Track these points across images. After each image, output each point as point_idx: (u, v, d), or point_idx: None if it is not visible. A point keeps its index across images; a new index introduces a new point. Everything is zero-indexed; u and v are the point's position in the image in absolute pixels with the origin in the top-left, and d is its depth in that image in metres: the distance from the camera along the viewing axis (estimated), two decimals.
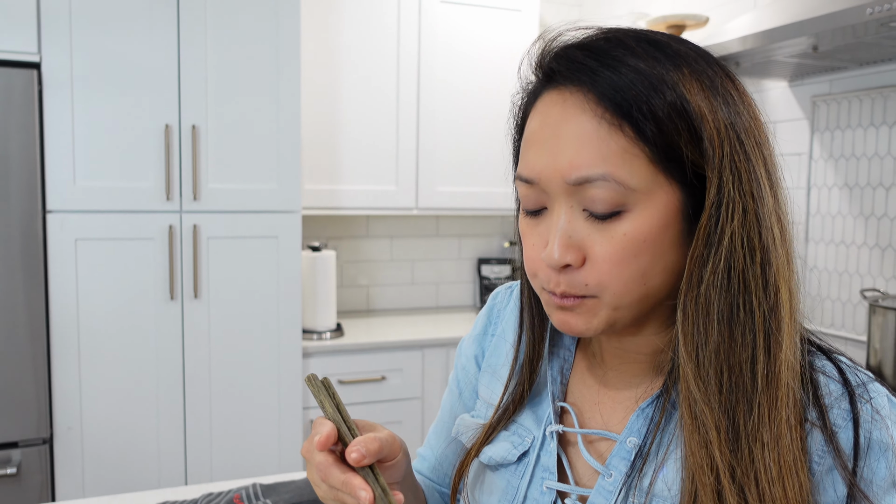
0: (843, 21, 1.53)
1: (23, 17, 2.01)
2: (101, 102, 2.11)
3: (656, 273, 0.58)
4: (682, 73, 0.56)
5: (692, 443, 0.55)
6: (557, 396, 0.70)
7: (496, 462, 0.71)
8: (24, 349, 2.05)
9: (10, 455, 2.05)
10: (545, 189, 0.59)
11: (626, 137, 0.55)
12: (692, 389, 0.56)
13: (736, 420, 0.54)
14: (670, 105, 0.55)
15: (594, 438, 0.66)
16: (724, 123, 0.56)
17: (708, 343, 0.56)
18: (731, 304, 0.55)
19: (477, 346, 0.83)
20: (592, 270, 0.58)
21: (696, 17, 2.36)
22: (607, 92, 0.55)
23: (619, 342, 0.67)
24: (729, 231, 0.55)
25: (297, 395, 2.39)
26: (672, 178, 0.56)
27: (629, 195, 0.56)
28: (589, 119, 0.56)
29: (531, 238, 0.62)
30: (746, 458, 0.53)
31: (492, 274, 3.19)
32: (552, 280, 0.60)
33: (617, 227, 0.57)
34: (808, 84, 2.19)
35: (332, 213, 2.67)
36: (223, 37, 2.22)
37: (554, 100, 0.59)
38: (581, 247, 0.58)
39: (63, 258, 2.10)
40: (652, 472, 0.60)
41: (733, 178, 0.55)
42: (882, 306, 1.78)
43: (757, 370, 0.55)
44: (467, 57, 2.79)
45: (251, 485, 1.26)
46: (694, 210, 0.57)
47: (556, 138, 0.58)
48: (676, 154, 0.55)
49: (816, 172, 2.17)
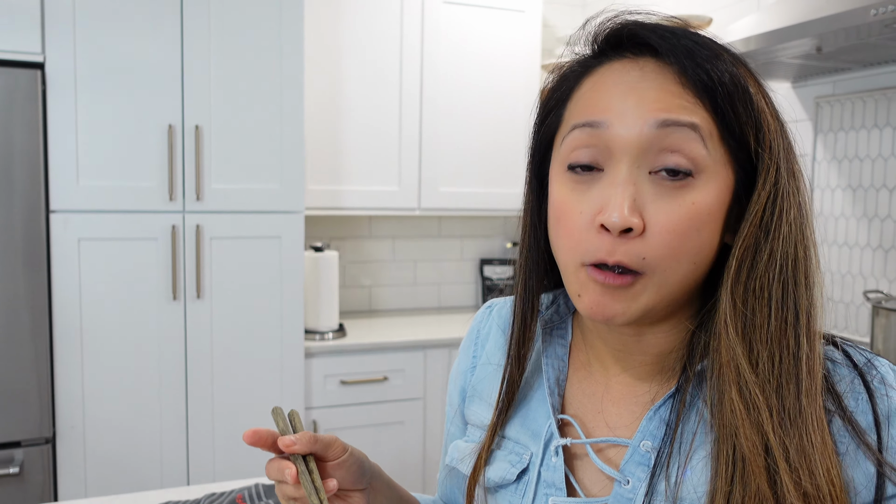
0: (846, 22, 1.53)
1: (26, 17, 2.02)
2: (105, 102, 2.12)
3: (705, 254, 0.57)
4: (742, 68, 0.58)
5: (744, 426, 0.54)
6: (557, 409, 0.68)
7: (495, 483, 0.68)
8: (26, 349, 2.05)
9: (13, 454, 2.05)
10: (609, 143, 0.56)
11: (705, 110, 0.56)
12: (743, 371, 0.55)
13: (786, 402, 0.54)
14: (742, 90, 0.56)
15: (602, 447, 0.64)
16: (778, 120, 0.58)
17: (762, 325, 0.56)
18: (783, 290, 0.56)
19: (463, 379, 0.80)
20: (655, 241, 0.55)
21: (699, 18, 2.35)
22: (689, 65, 0.56)
23: (621, 344, 0.65)
24: (786, 222, 0.56)
25: (299, 396, 2.39)
26: (733, 159, 0.57)
27: (704, 160, 0.55)
28: (673, 83, 0.56)
29: (577, 206, 0.58)
30: (797, 439, 0.53)
31: (494, 274, 3.19)
32: (605, 247, 0.55)
33: (685, 196, 0.55)
34: (811, 85, 2.18)
35: (334, 213, 2.67)
36: (227, 38, 2.23)
37: (626, 67, 0.58)
38: (643, 214, 0.55)
39: (66, 258, 2.10)
40: (676, 475, 0.58)
41: (788, 171, 0.57)
42: (885, 308, 1.78)
43: (801, 355, 0.55)
44: (471, 58, 2.79)
45: (253, 485, 1.27)
46: (743, 197, 0.58)
47: (635, 88, 0.56)
48: (744, 137, 0.56)
49: (820, 174, 2.16)
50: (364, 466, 0.72)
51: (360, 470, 0.71)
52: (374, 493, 0.73)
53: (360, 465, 0.71)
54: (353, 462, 0.69)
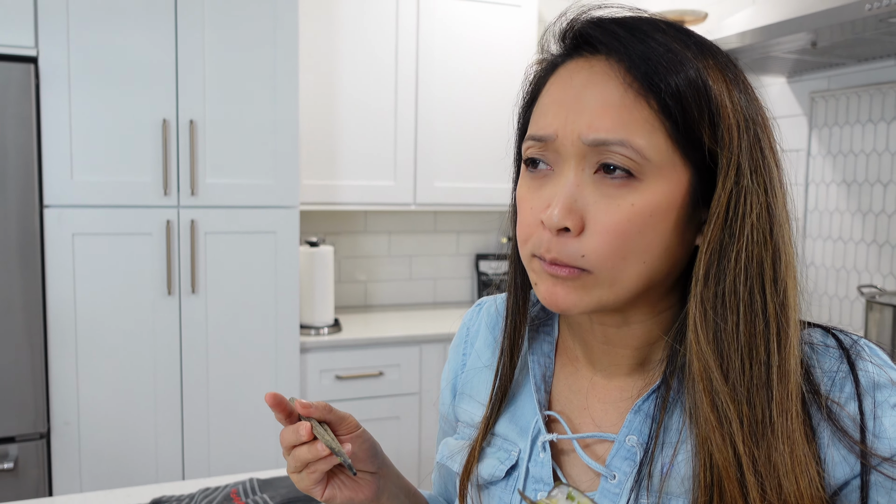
0: (841, 17, 1.53)
1: (20, 11, 2.00)
2: (99, 97, 2.11)
3: (657, 254, 0.57)
4: (707, 61, 0.57)
5: (715, 437, 0.54)
6: (543, 405, 0.68)
7: (485, 480, 0.69)
8: (21, 344, 2.05)
9: (8, 450, 2.05)
10: (557, 149, 0.58)
11: (650, 109, 0.55)
12: (715, 381, 0.55)
13: (756, 412, 0.54)
14: (695, 87, 0.55)
15: (589, 442, 0.65)
16: (742, 115, 0.57)
17: (731, 334, 0.55)
18: (750, 295, 0.56)
19: (454, 377, 0.81)
20: (591, 240, 0.56)
21: (694, 13, 2.35)
22: (637, 63, 0.55)
23: (604, 336, 0.65)
24: (749, 222, 0.55)
25: (294, 390, 2.39)
26: (686, 159, 0.56)
27: (644, 165, 0.55)
28: (616, 86, 0.56)
29: (530, 202, 0.60)
30: (765, 450, 0.54)
31: (489, 269, 3.19)
32: (544, 244, 0.58)
33: (625, 197, 0.56)
34: (806, 80, 2.19)
35: (329, 208, 2.67)
36: (221, 31, 2.22)
37: (579, 66, 0.59)
38: (583, 214, 0.56)
39: (60, 253, 2.10)
40: (661, 470, 0.59)
41: (751, 170, 0.56)
42: (879, 302, 1.78)
43: (772, 362, 0.55)
44: (466, 52, 2.78)
45: (248, 480, 1.27)
46: (703, 197, 0.57)
47: (577, 100, 0.57)
48: (695, 135, 0.56)
49: (814, 169, 2.17)
50: (376, 448, 0.73)
51: (372, 449, 0.72)
52: (383, 480, 0.74)
53: (373, 445, 0.73)
54: (366, 439, 0.71)
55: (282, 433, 0.67)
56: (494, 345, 0.76)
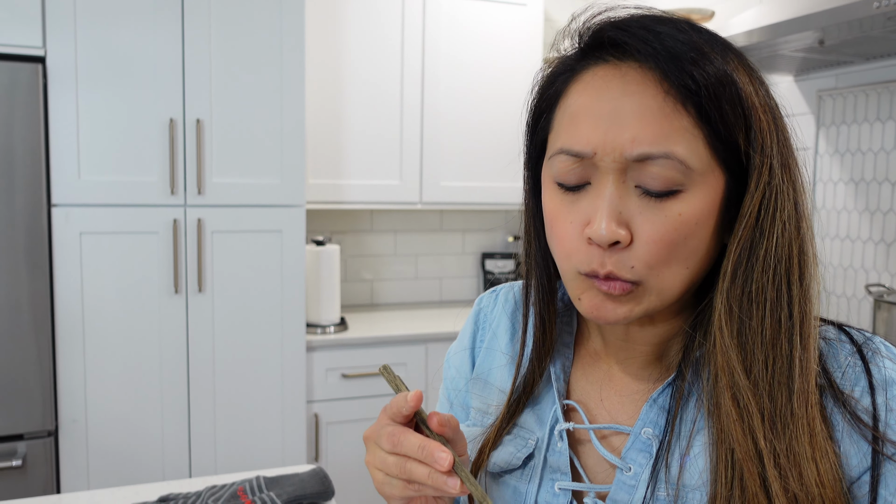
0: (849, 15, 1.52)
1: (28, 10, 2.01)
2: (106, 96, 2.12)
3: (699, 258, 0.58)
4: (732, 61, 0.57)
5: (736, 432, 0.55)
6: (562, 394, 0.68)
7: (500, 468, 0.68)
8: (29, 342, 2.06)
9: (16, 447, 2.06)
10: (596, 164, 0.57)
11: (689, 117, 0.55)
12: (737, 377, 0.55)
13: (777, 406, 0.55)
14: (731, 91, 0.55)
15: (606, 433, 0.65)
16: (771, 115, 0.57)
17: (756, 330, 0.56)
18: (777, 292, 0.56)
19: (465, 357, 0.80)
20: (641, 251, 0.56)
21: (701, 11, 2.35)
22: (673, 71, 0.54)
23: (625, 335, 0.65)
24: (780, 221, 0.56)
25: (300, 389, 2.40)
26: (722, 163, 0.56)
27: (688, 175, 0.55)
28: (653, 95, 0.55)
29: (567, 216, 0.59)
30: (786, 442, 0.54)
31: (496, 268, 3.19)
32: (595, 259, 0.57)
33: (672, 207, 0.55)
34: (813, 78, 2.18)
35: (335, 207, 2.67)
36: (227, 31, 2.22)
37: (609, 73, 0.57)
38: (629, 224, 0.56)
39: (68, 252, 2.11)
40: (678, 462, 0.59)
41: (782, 168, 0.56)
42: (887, 301, 1.77)
43: (794, 356, 0.55)
44: (472, 51, 2.78)
45: (255, 477, 1.27)
46: (736, 197, 0.58)
47: (616, 113, 0.56)
48: (732, 139, 0.55)
49: (822, 167, 2.16)
50: None
51: None
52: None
53: None
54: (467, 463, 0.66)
55: (398, 438, 0.58)
56: (513, 331, 0.76)
